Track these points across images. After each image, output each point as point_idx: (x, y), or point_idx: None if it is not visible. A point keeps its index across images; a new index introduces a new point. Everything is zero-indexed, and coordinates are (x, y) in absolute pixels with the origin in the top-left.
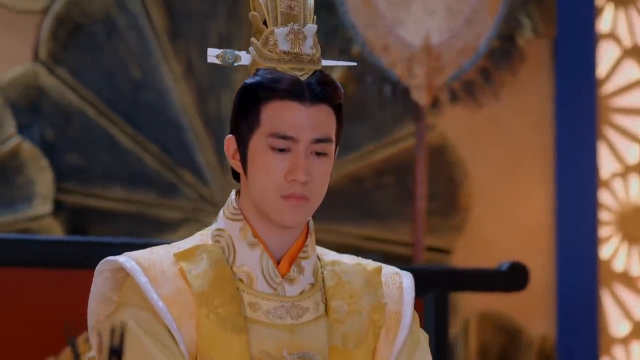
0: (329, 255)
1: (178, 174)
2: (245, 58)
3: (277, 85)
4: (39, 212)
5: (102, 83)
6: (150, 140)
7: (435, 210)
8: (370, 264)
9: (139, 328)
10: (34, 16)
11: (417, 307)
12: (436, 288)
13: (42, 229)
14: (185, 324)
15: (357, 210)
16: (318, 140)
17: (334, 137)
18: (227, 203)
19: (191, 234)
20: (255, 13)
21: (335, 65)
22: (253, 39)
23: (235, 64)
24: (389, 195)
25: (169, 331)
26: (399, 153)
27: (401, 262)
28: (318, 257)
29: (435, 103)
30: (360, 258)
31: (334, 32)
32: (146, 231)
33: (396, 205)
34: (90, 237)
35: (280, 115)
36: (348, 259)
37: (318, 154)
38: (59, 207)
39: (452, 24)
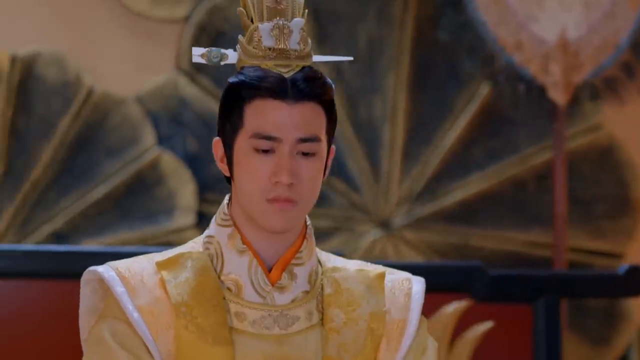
0: (333, 261)
1: (328, 181)
2: (232, 56)
3: (260, 83)
4: (180, 224)
5: None
6: None
7: (604, 213)
8: (375, 270)
9: (112, 341)
10: (175, 25)
11: (523, 313)
12: (547, 294)
13: (185, 242)
14: (162, 335)
15: (520, 215)
16: (303, 140)
17: (322, 136)
18: (219, 209)
19: (344, 242)
20: (242, 9)
21: (328, 60)
22: (239, 36)
23: (222, 63)
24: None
25: (145, 343)
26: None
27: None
28: (320, 263)
29: (574, 101)
30: (369, 264)
31: (462, 29)
32: None
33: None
34: None
35: (263, 115)
36: (353, 265)
37: (305, 154)
38: (201, 219)
39: (590, 19)
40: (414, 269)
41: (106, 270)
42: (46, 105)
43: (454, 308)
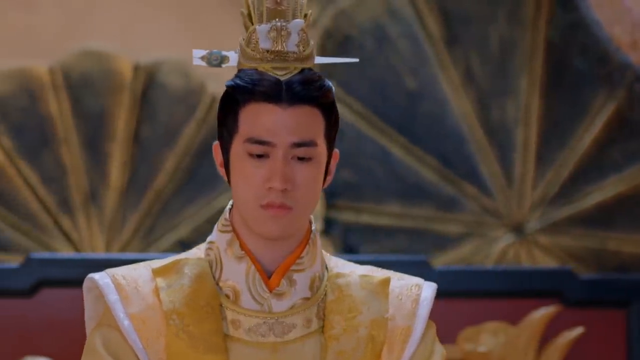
0: (341, 267)
1: (458, 186)
2: (233, 59)
3: (253, 86)
4: None
5: (373, 95)
6: (428, 152)
7: None
8: (380, 276)
9: (103, 348)
10: None
11: (616, 319)
12: None
13: None
14: (153, 343)
15: None
16: (298, 144)
17: (319, 140)
18: (222, 214)
19: (475, 248)
20: (244, 10)
21: (332, 62)
22: (240, 39)
23: (223, 65)
24: None
25: (135, 352)
26: None
27: None
28: (328, 269)
29: None
30: (378, 270)
31: (575, 29)
32: (425, 247)
33: None
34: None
35: (256, 119)
36: (361, 271)
37: (301, 159)
38: (329, 225)
39: None
40: (501, 274)
41: (102, 277)
42: (170, 113)
43: (542, 313)
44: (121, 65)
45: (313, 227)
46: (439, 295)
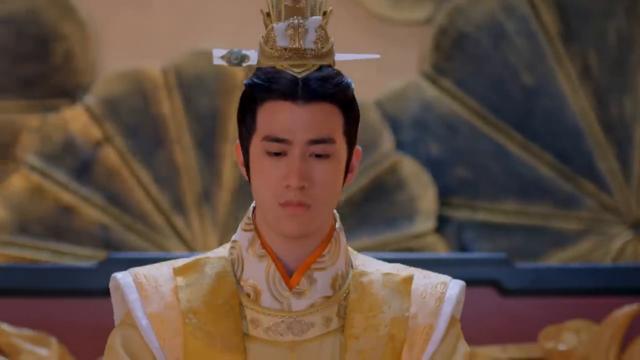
0: (368, 265)
1: (577, 183)
2: (253, 57)
3: (270, 84)
4: (421, 229)
5: (490, 92)
6: (545, 149)
7: None
8: (403, 274)
9: (121, 347)
10: (416, 27)
11: None
12: None
13: (426, 247)
14: (170, 342)
15: None
16: (315, 142)
17: (337, 137)
18: (246, 213)
19: (593, 245)
20: (264, 9)
21: (353, 59)
22: (260, 37)
23: (243, 64)
24: None
25: (152, 351)
26: None
27: None
28: (353, 267)
29: None
30: (404, 267)
31: None
32: (543, 245)
33: None
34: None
35: (273, 117)
36: (386, 269)
37: (318, 156)
38: (443, 224)
39: None
40: (581, 272)
41: (124, 276)
42: None
43: (624, 312)
44: None
45: (337, 225)
46: (521, 293)
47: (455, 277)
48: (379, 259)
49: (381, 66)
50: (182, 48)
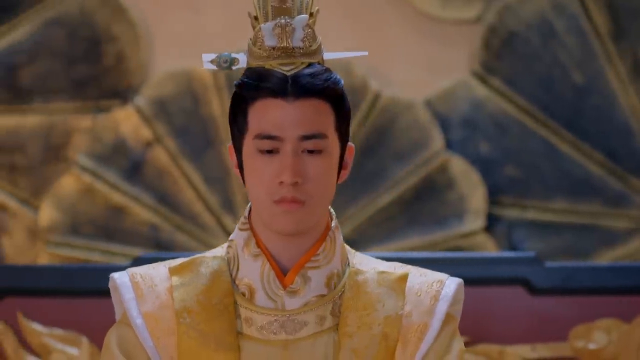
0: (365, 263)
1: (626, 181)
2: (242, 60)
3: (260, 83)
4: (471, 228)
5: (539, 91)
6: (595, 147)
7: None
8: (399, 272)
9: (115, 346)
10: (466, 26)
11: None
12: None
13: (475, 246)
14: (164, 341)
15: None
16: (307, 137)
17: (329, 133)
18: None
19: None
20: (251, 12)
21: (341, 57)
22: (248, 39)
23: (233, 67)
24: None
25: (146, 350)
26: None
27: None
28: (350, 266)
29: None
30: (401, 265)
31: None
32: (592, 243)
33: None
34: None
35: (264, 115)
36: (382, 267)
37: (311, 151)
38: (492, 222)
39: None
40: (613, 270)
41: (120, 276)
42: None
43: None
44: None
45: (333, 223)
46: (550, 292)
47: (484, 276)
48: (381, 258)
49: (431, 65)
50: (231, 48)
